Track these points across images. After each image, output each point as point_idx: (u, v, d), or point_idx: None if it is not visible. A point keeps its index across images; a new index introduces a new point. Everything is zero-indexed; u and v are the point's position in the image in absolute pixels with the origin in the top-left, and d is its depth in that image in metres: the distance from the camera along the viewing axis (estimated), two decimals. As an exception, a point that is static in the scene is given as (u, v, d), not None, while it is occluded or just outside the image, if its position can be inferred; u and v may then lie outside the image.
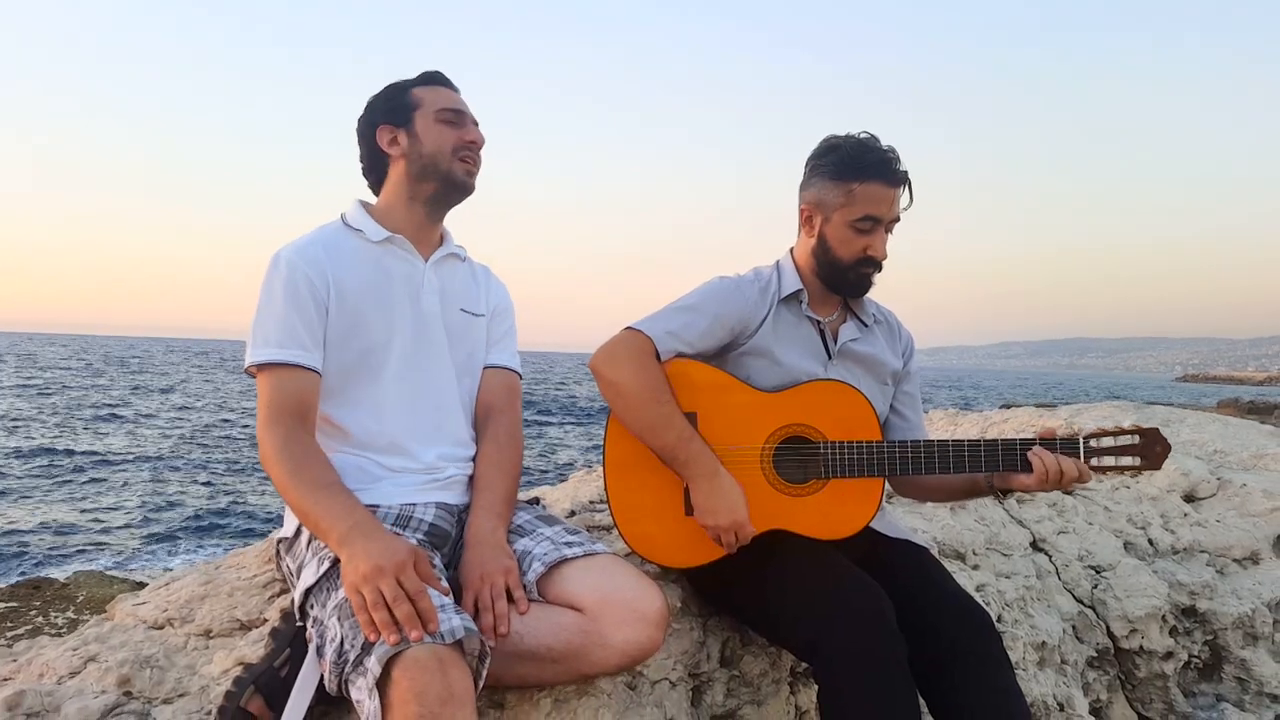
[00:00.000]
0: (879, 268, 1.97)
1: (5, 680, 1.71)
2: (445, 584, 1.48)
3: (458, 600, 1.53)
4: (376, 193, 1.89)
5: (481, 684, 1.36)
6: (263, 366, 1.64)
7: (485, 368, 1.94)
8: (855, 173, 1.90)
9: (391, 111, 1.82)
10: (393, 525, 1.64)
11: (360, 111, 1.88)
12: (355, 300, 1.73)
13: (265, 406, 1.61)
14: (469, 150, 1.82)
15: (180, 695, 1.66)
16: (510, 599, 1.54)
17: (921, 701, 1.71)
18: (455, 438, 1.83)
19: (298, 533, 1.67)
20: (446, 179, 1.81)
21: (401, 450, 1.74)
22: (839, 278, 1.99)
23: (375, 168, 1.87)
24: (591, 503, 2.76)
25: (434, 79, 1.86)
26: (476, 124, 1.86)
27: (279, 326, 1.65)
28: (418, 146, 1.79)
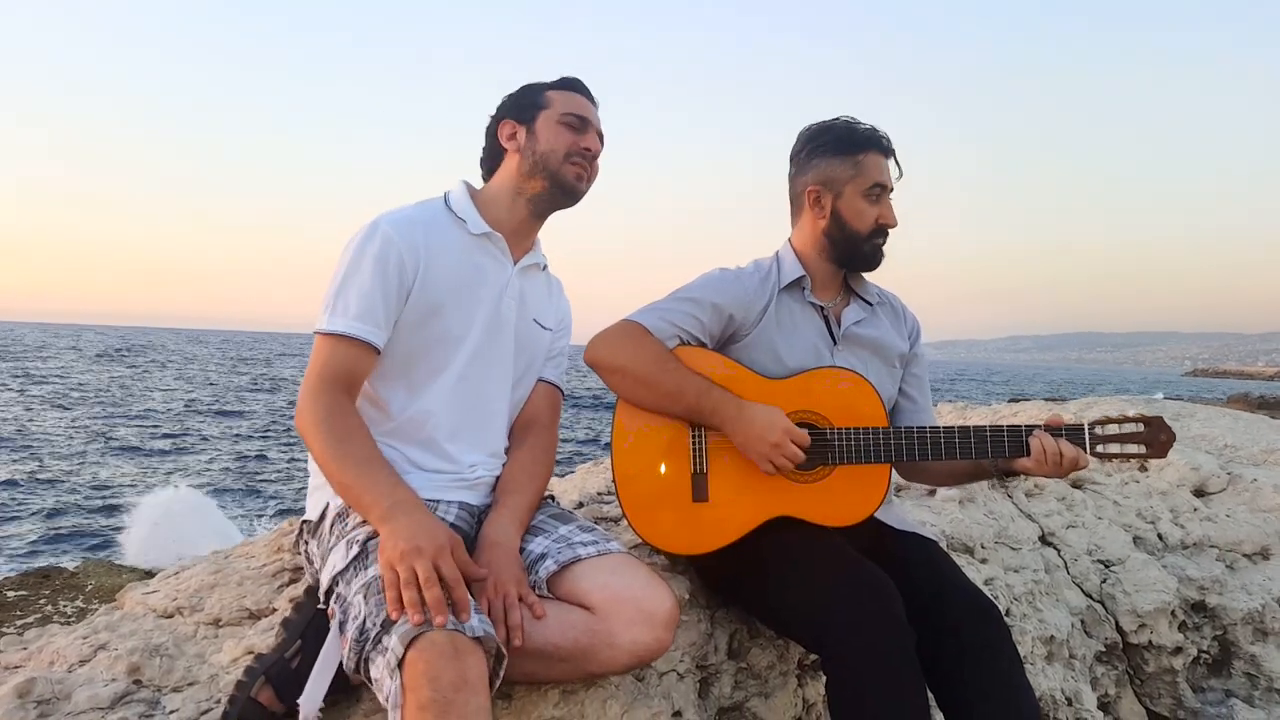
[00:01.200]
0: (887, 237, 2.01)
1: (16, 668, 1.72)
2: (479, 569, 1.49)
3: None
4: (485, 179, 1.90)
5: (498, 683, 1.36)
6: (333, 335, 1.63)
7: (537, 381, 1.94)
8: (858, 145, 1.97)
9: (519, 108, 1.83)
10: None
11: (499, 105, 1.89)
12: (441, 290, 1.72)
13: (317, 373, 1.61)
14: (582, 156, 1.81)
15: (190, 684, 1.67)
16: (524, 602, 1.53)
17: (930, 695, 1.71)
18: (493, 449, 1.82)
19: (322, 516, 1.67)
20: (555, 179, 1.80)
21: (439, 451, 1.74)
22: (854, 251, 2.01)
23: (491, 159, 1.88)
24: (599, 494, 2.77)
25: (572, 85, 1.86)
26: (601, 136, 1.86)
27: (361, 298, 1.64)
28: (534, 144, 1.80)
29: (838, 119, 2.01)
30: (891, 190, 2.00)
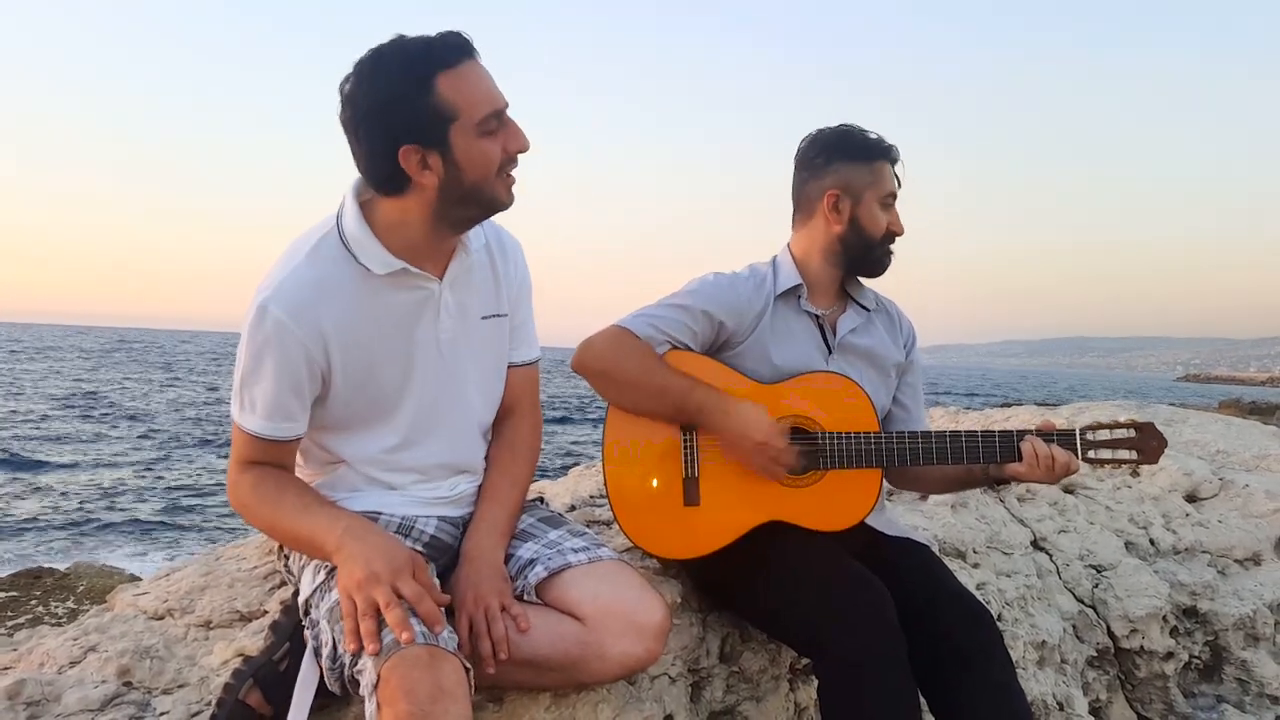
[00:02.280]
0: (894, 243, 2.02)
1: (5, 669, 1.71)
2: (442, 594, 1.44)
3: (449, 615, 1.48)
4: (381, 194, 1.49)
5: (471, 693, 1.33)
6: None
7: (510, 366, 1.77)
8: (876, 153, 1.98)
9: (418, 127, 1.40)
10: (394, 534, 1.58)
11: (353, 91, 1.40)
12: (360, 351, 1.51)
13: (239, 459, 1.53)
14: (514, 162, 1.49)
15: (180, 686, 1.66)
16: (509, 614, 1.50)
17: (922, 700, 1.71)
18: (469, 466, 1.71)
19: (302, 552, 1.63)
20: (490, 204, 1.50)
21: (408, 485, 1.65)
22: (867, 257, 2.01)
23: (389, 181, 1.46)
24: (592, 497, 2.76)
25: (461, 51, 1.41)
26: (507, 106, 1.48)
27: (267, 400, 1.47)
28: (457, 174, 1.44)
29: (849, 126, 2.01)
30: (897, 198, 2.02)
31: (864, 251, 2.00)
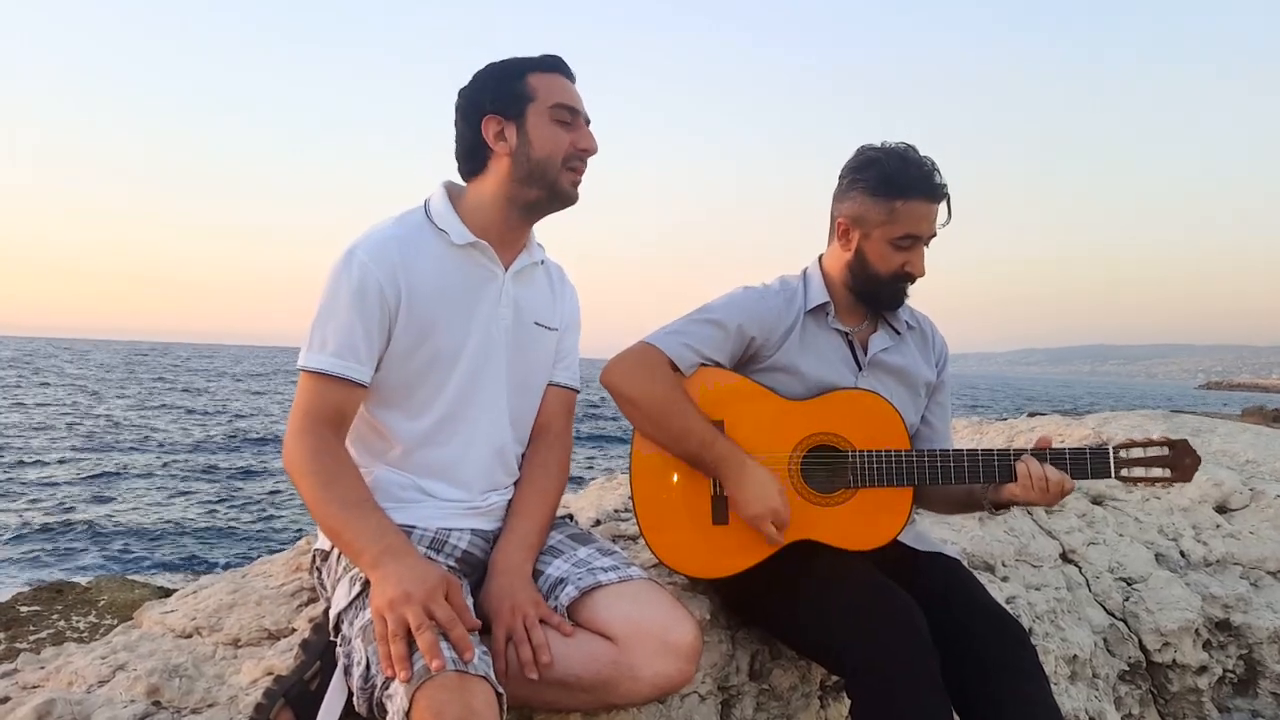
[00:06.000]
0: (911, 281, 1.95)
1: (35, 688, 1.71)
2: (474, 618, 1.44)
3: (485, 630, 1.49)
4: (466, 178, 1.72)
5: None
6: (312, 372, 1.57)
7: (549, 385, 1.84)
8: (899, 190, 1.85)
9: (502, 100, 1.63)
10: (427, 549, 1.61)
11: (465, 84, 1.68)
12: (427, 308, 1.62)
13: (302, 413, 1.55)
14: (580, 159, 1.67)
15: (209, 705, 1.65)
16: (549, 623, 1.51)
17: (955, 716, 1.68)
18: (507, 468, 1.76)
19: (333, 547, 1.64)
20: (552, 188, 1.66)
21: (450, 479, 1.68)
22: (874, 292, 1.96)
23: (472, 157, 1.68)
24: (616, 511, 2.75)
25: (553, 65, 1.66)
26: (589, 122, 1.70)
27: (339, 334, 1.56)
28: (526, 148, 1.63)
29: (892, 150, 1.88)
30: (932, 236, 1.90)
31: (870, 285, 1.95)
